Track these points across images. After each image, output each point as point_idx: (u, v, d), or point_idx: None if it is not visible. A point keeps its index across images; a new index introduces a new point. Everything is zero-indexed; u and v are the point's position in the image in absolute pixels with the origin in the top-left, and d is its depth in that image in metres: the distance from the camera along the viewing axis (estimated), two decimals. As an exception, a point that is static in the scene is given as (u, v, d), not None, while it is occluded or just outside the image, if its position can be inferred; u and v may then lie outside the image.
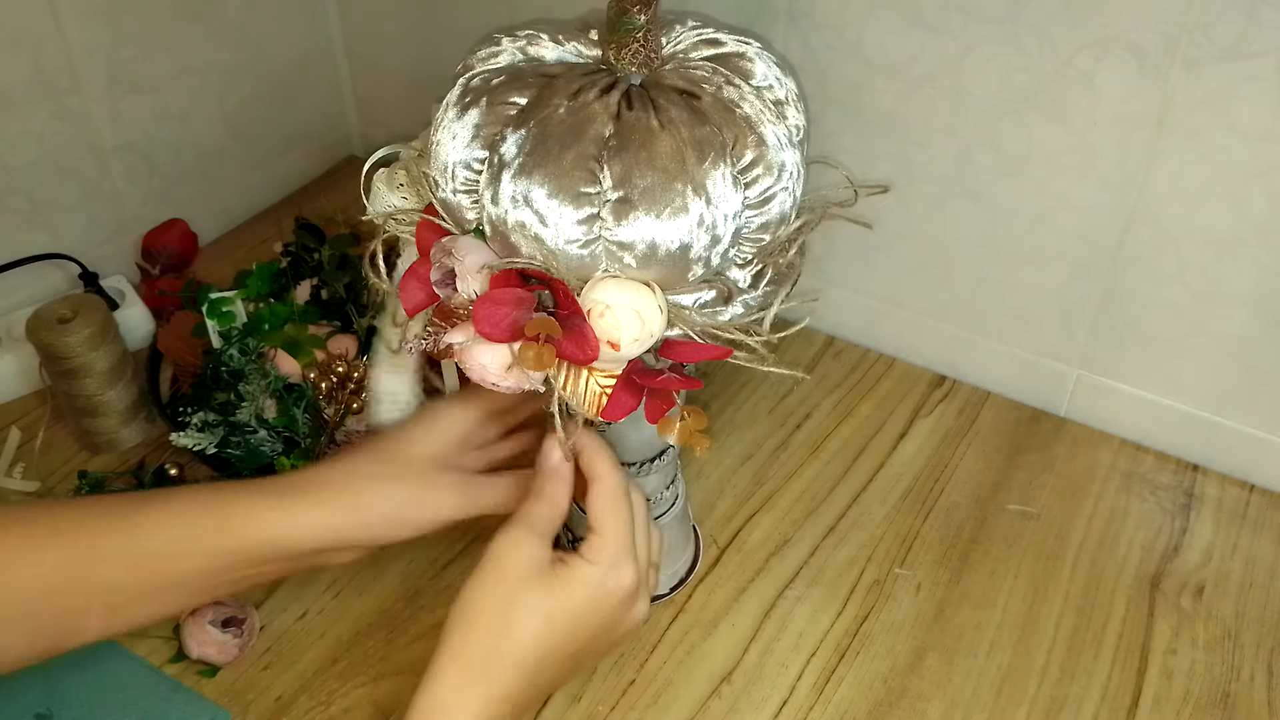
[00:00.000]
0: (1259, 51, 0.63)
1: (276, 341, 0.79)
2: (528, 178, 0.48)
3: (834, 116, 0.80)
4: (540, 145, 0.48)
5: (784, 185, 0.51)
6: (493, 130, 0.50)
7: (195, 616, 0.66)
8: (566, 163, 0.48)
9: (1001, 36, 0.71)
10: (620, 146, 0.48)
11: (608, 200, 0.48)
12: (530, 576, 0.50)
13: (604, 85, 0.50)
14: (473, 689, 0.49)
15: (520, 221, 0.49)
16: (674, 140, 0.48)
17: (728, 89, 0.51)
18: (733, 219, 0.50)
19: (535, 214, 0.48)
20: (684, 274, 0.50)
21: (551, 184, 0.48)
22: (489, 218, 0.50)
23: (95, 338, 0.75)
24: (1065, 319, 0.80)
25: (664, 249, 0.48)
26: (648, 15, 0.50)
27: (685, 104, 0.50)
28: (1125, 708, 0.64)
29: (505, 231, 0.49)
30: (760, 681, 0.65)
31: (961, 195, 0.79)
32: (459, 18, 0.98)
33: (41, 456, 0.80)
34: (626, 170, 0.48)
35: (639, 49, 0.51)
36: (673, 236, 0.48)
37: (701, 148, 0.48)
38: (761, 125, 0.51)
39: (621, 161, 0.48)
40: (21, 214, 0.87)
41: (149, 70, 0.92)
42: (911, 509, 0.76)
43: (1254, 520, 0.76)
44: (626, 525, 0.52)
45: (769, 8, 0.78)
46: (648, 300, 0.49)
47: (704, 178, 0.48)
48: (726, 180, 0.49)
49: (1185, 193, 0.70)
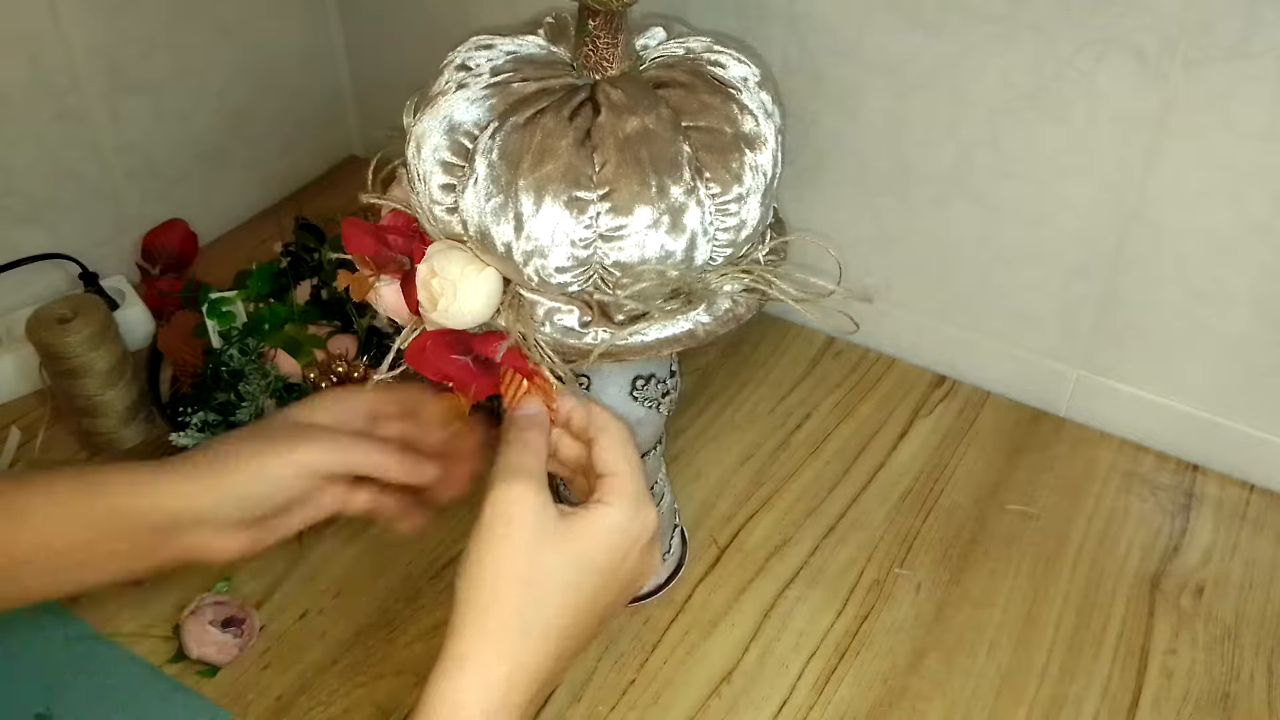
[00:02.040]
0: (1259, 51, 0.63)
1: (276, 341, 0.79)
2: (433, 116, 0.50)
3: (834, 117, 0.80)
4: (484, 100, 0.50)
5: (640, 231, 0.48)
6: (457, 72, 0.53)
7: (195, 616, 0.66)
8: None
9: (1001, 36, 0.71)
10: (501, 129, 0.49)
11: (474, 171, 0.49)
12: (546, 533, 0.45)
13: (559, 85, 0.51)
14: (497, 669, 0.44)
15: (415, 168, 0.51)
16: (565, 141, 0.48)
17: (655, 114, 0.49)
18: (570, 244, 0.48)
19: (418, 164, 0.50)
20: (517, 273, 0.50)
21: (434, 138, 0.50)
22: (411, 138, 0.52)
23: (95, 338, 0.75)
24: (1065, 319, 0.80)
25: (490, 239, 0.49)
26: (596, 22, 0.50)
27: (589, 115, 0.49)
28: (1125, 708, 0.64)
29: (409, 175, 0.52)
30: (760, 681, 0.65)
31: (961, 195, 0.79)
32: (459, 18, 0.98)
33: (41, 456, 0.80)
34: (509, 149, 0.48)
35: (589, 54, 0.51)
36: (497, 231, 0.49)
37: (557, 159, 0.48)
38: (659, 171, 0.48)
39: (507, 143, 0.48)
40: (21, 214, 0.87)
41: (149, 70, 0.92)
42: (911, 509, 0.76)
43: (1254, 520, 0.76)
44: (640, 468, 0.49)
45: (768, 9, 0.78)
46: (472, 280, 0.50)
47: (539, 186, 0.47)
48: (558, 202, 0.48)
49: (1185, 193, 0.70)
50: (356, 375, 0.77)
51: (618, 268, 0.50)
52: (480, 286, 0.50)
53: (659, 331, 0.52)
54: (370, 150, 1.14)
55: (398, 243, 0.53)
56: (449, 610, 0.68)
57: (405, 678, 0.65)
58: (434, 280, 0.50)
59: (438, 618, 0.68)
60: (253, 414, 0.75)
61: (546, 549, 0.45)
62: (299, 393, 0.76)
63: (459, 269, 0.50)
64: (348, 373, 0.77)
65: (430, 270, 0.50)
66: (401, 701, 0.64)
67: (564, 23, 0.56)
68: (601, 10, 0.50)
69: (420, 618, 0.68)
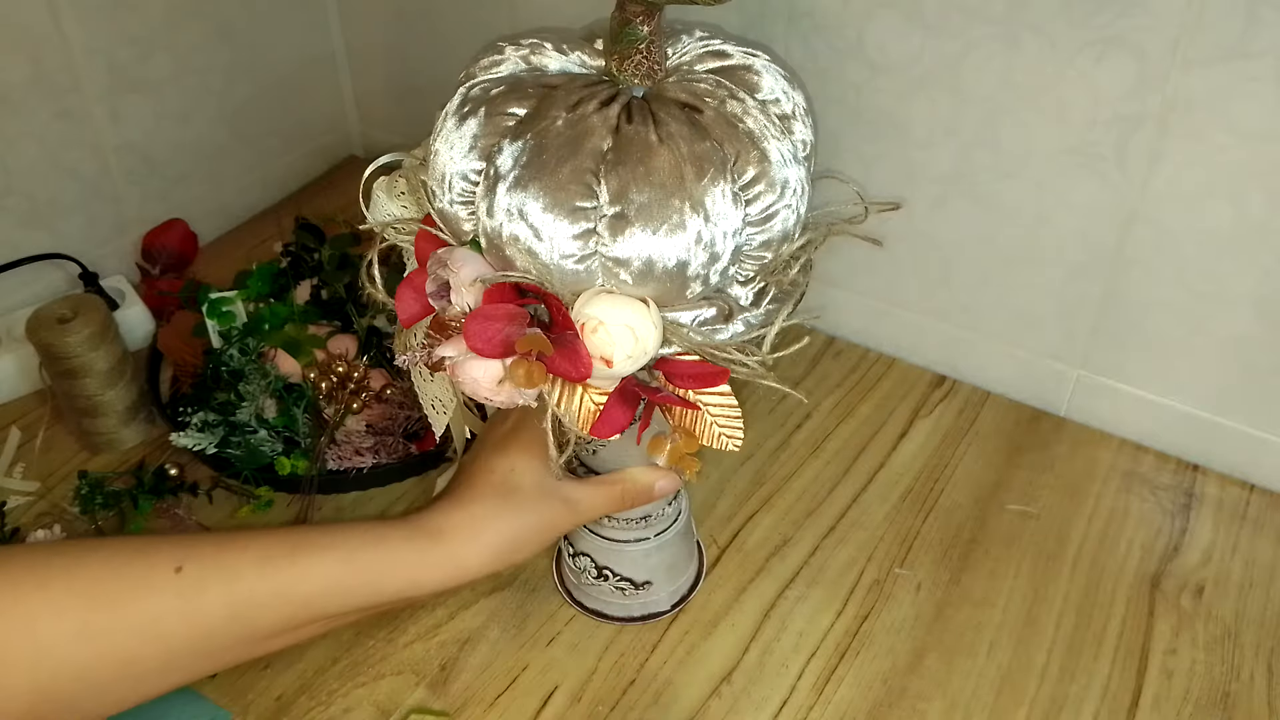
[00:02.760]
0: (1259, 51, 0.63)
1: (276, 341, 0.79)
2: (523, 191, 0.48)
3: (834, 117, 0.80)
4: (536, 158, 0.48)
5: (787, 203, 0.50)
6: (490, 141, 0.50)
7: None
8: (563, 176, 0.47)
9: (1001, 36, 0.71)
10: (618, 160, 0.47)
11: (604, 215, 0.47)
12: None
13: (604, 97, 0.50)
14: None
15: (515, 235, 0.48)
16: (673, 155, 0.47)
17: (731, 103, 0.51)
18: (732, 236, 0.49)
19: (530, 228, 0.48)
20: (681, 291, 0.49)
21: (547, 198, 0.47)
22: (484, 230, 0.49)
23: (95, 338, 0.75)
24: (1065, 319, 0.80)
25: (660, 266, 0.48)
26: (650, 26, 0.49)
27: (686, 118, 0.49)
28: (1125, 707, 0.64)
29: (500, 245, 0.49)
30: (760, 682, 0.65)
31: (961, 195, 0.79)
32: (459, 19, 0.98)
33: (41, 456, 0.80)
34: (623, 185, 0.47)
35: (641, 60, 0.50)
36: (669, 253, 0.47)
37: (701, 163, 0.48)
38: (765, 141, 0.50)
39: (619, 176, 0.47)
40: (21, 214, 0.87)
41: (149, 70, 0.92)
42: (911, 509, 0.76)
43: (1254, 520, 0.76)
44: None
45: (769, 8, 0.78)
46: (642, 316, 0.48)
47: (702, 194, 0.47)
48: (726, 197, 0.48)
49: (1185, 193, 0.70)
50: (357, 375, 0.77)
51: (765, 248, 0.51)
52: (653, 318, 0.49)
53: (784, 310, 0.54)
54: (370, 151, 1.15)
55: (520, 317, 0.49)
56: (449, 610, 0.68)
57: (405, 678, 0.65)
58: (600, 331, 0.47)
59: (438, 617, 0.68)
60: (252, 414, 0.75)
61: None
62: (299, 393, 0.76)
63: (626, 310, 0.48)
64: (348, 372, 0.77)
65: (595, 321, 0.47)
66: (401, 701, 0.64)
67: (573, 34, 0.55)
68: (657, 10, 0.49)
69: (420, 618, 0.68)
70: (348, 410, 0.77)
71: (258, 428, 0.75)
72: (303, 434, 0.75)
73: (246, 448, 0.74)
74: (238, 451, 0.74)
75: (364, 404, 0.77)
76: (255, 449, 0.74)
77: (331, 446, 0.76)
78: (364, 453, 0.76)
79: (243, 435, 0.74)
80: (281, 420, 0.76)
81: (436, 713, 0.63)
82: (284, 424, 0.75)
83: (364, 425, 0.78)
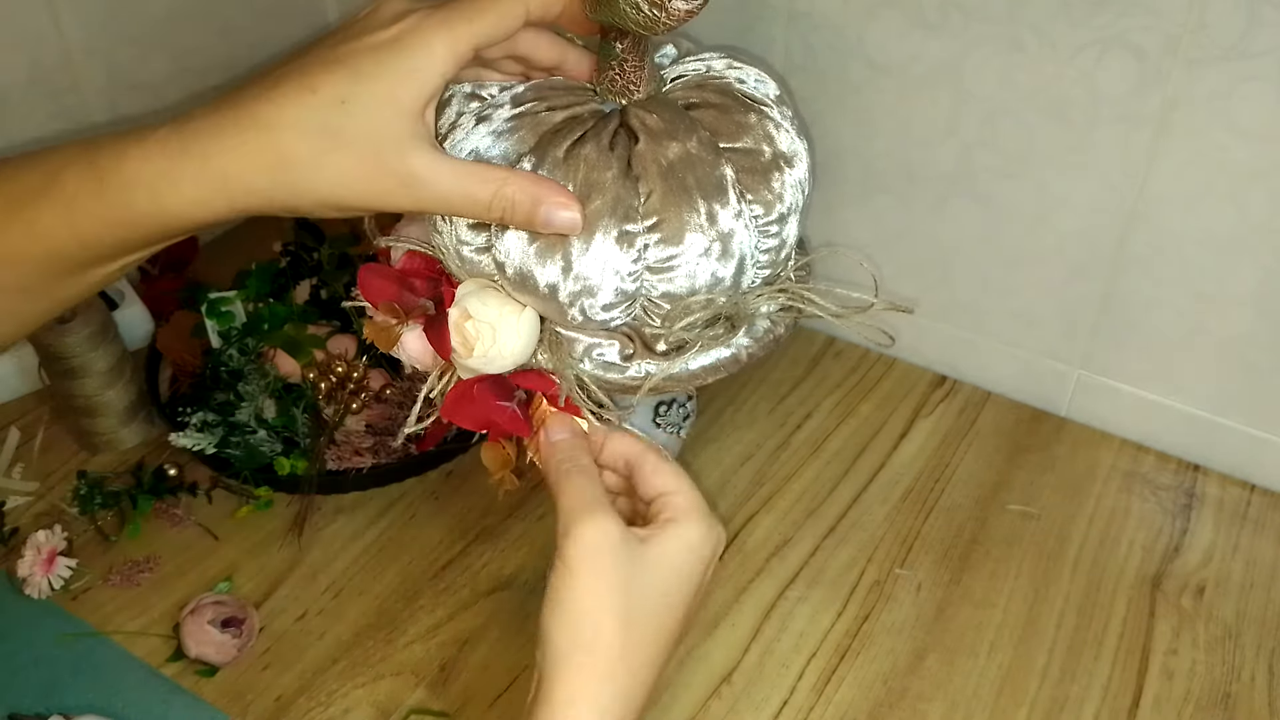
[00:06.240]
0: (1259, 51, 0.63)
1: (276, 341, 0.79)
2: (453, 151, 0.48)
3: (834, 117, 0.80)
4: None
5: (692, 260, 0.47)
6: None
7: (194, 616, 0.66)
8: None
9: (1001, 36, 0.71)
10: (537, 165, 0.47)
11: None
12: (635, 563, 0.45)
13: (573, 112, 0.49)
14: (611, 710, 0.44)
15: (433, 216, 0.50)
16: (572, 178, 0.46)
17: (674, 146, 0.47)
18: (613, 275, 0.46)
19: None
20: (560, 313, 0.48)
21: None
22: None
23: (95, 338, 0.75)
24: (1065, 319, 0.80)
25: (532, 280, 0.47)
26: (623, 45, 0.48)
27: (622, 144, 0.47)
28: (1126, 708, 0.64)
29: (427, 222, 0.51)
30: (760, 682, 0.65)
31: (962, 195, 0.79)
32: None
33: (41, 456, 0.80)
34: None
35: (614, 77, 0.49)
36: (540, 273, 0.47)
37: (591, 192, 0.46)
38: (690, 193, 0.46)
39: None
40: (21, 214, 0.87)
41: (149, 70, 0.91)
42: (912, 509, 0.76)
43: (1255, 520, 0.76)
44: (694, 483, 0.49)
45: (769, 8, 0.78)
46: (510, 322, 0.48)
47: (589, 224, 0.46)
48: (609, 234, 0.46)
49: (1185, 193, 0.70)
50: (356, 375, 0.77)
51: (666, 299, 0.48)
52: (520, 328, 0.48)
53: (703, 359, 0.50)
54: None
55: (421, 287, 0.50)
56: (449, 610, 0.68)
57: (405, 678, 0.65)
58: (468, 324, 0.48)
59: (438, 618, 0.68)
60: (252, 414, 0.75)
61: (638, 580, 0.45)
62: (298, 393, 0.76)
63: (496, 311, 0.48)
64: (347, 372, 0.77)
65: (463, 313, 0.48)
66: (401, 701, 0.64)
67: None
68: (631, 31, 0.46)
69: (420, 618, 0.68)
70: (347, 410, 0.77)
71: (257, 428, 0.75)
72: (302, 434, 0.75)
73: (246, 448, 0.74)
74: (237, 452, 0.74)
75: (363, 404, 0.77)
76: (254, 449, 0.74)
77: (331, 447, 0.76)
78: (363, 453, 0.76)
79: (242, 435, 0.74)
80: (281, 420, 0.75)
81: (436, 713, 0.63)
82: (283, 424, 0.75)
83: (363, 425, 0.78)
